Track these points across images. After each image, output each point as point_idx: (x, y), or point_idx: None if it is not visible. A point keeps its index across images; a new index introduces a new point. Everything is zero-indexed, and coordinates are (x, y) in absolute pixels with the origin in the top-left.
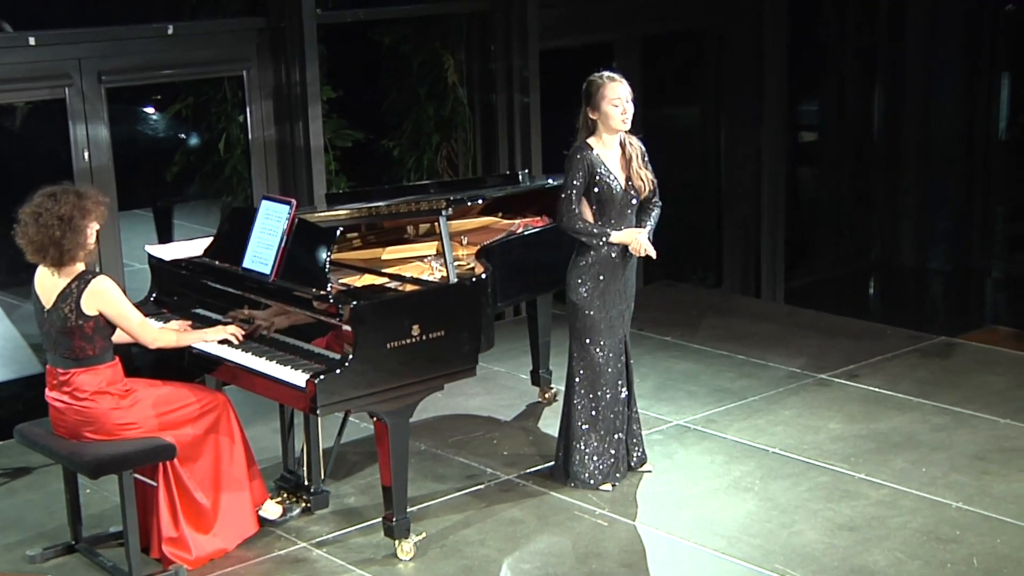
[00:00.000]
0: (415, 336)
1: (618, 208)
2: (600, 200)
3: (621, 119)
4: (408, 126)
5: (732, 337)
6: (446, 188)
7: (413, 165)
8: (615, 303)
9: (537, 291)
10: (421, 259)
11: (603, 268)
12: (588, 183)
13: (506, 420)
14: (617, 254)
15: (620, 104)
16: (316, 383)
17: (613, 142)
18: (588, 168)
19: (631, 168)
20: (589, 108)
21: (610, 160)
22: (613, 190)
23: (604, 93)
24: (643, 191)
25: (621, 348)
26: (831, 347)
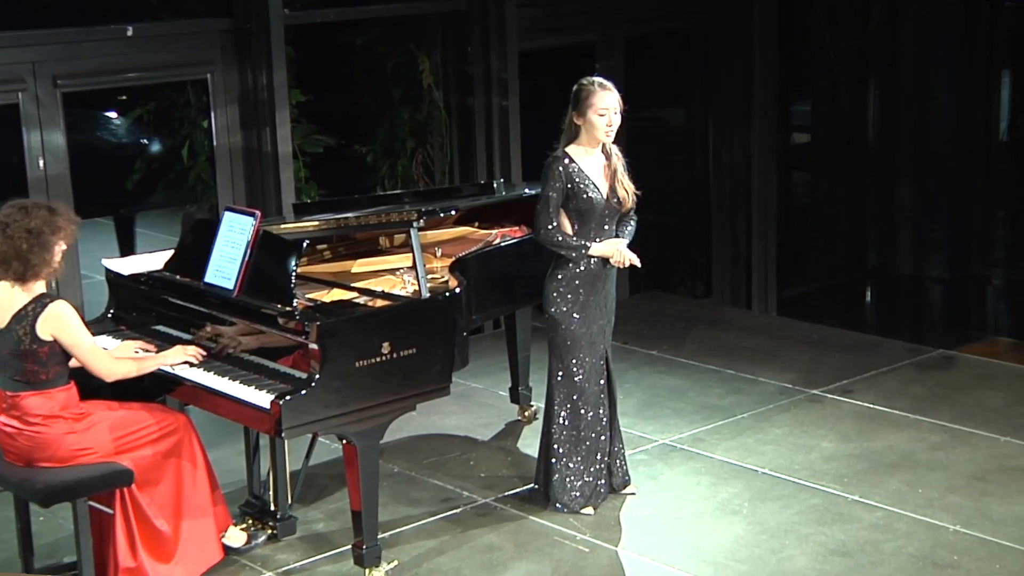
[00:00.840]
0: (385, 354)
1: (599, 219)
2: (580, 211)
3: (605, 130)
4: (382, 131)
5: (721, 351)
6: (419, 198)
7: (387, 172)
8: (595, 318)
9: (515, 304)
10: (393, 272)
11: (582, 281)
12: (567, 193)
13: (483, 440)
14: (597, 266)
15: (607, 115)
16: (281, 404)
17: (596, 150)
18: (566, 178)
19: (615, 178)
20: (575, 112)
21: (591, 169)
22: (594, 200)
23: (592, 101)
24: (626, 202)
25: (602, 365)
26: (824, 361)
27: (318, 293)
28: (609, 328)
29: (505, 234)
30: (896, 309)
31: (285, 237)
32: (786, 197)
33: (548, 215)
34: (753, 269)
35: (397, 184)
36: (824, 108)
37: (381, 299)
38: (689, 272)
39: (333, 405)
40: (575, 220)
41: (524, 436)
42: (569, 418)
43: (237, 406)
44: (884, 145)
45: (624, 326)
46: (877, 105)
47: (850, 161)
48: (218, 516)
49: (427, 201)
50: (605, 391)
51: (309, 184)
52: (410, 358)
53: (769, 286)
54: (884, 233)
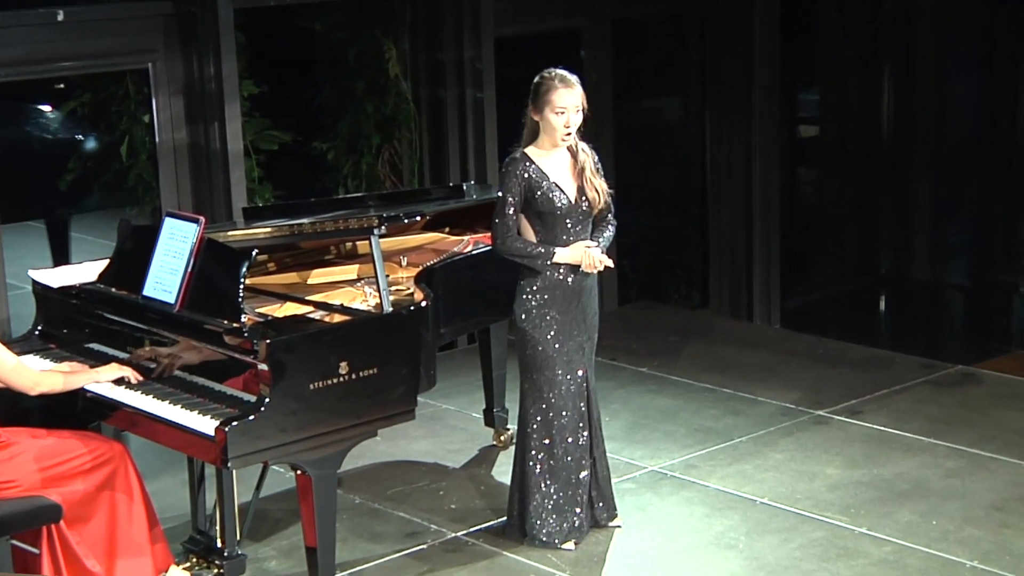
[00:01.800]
0: (343, 375)
1: (567, 225)
2: (543, 216)
3: (563, 132)
4: (344, 126)
5: (717, 367)
6: (384, 201)
7: (350, 171)
8: (572, 334)
9: (489, 317)
10: (352, 284)
11: (556, 292)
12: (527, 198)
13: (454, 467)
14: (572, 275)
15: (565, 114)
16: (227, 431)
17: (559, 149)
18: (525, 181)
19: (584, 177)
20: (532, 108)
21: (555, 169)
22: (557, 204)
23: (550, 98)
24: (597, 203)
25: (582, 386)
26: (831, 378)
27: (269, 307)
28: (590, 345)
29: (478, 240)
30: (911, 320)
31: (232, 245)
32: (790, 196)
33: (505, 224)
34: (754, 276)
35: (361, 184)
36: (833, 98)
37: (339, 314)
38: (684, 280)
39: (285, 431)
40: (539, 227)
41: (499, 463)
42: (545, 445)
43: (179, 433)
44: (899, 139)
45: (611, 340)
46: (892, 95)
47: (861, 156)
48: (157, 555)
49: (391, 205)
50: (586, 415)
51: (263, 185)
52: (371, 379)
53: (771, 295)
54: (898, 236)
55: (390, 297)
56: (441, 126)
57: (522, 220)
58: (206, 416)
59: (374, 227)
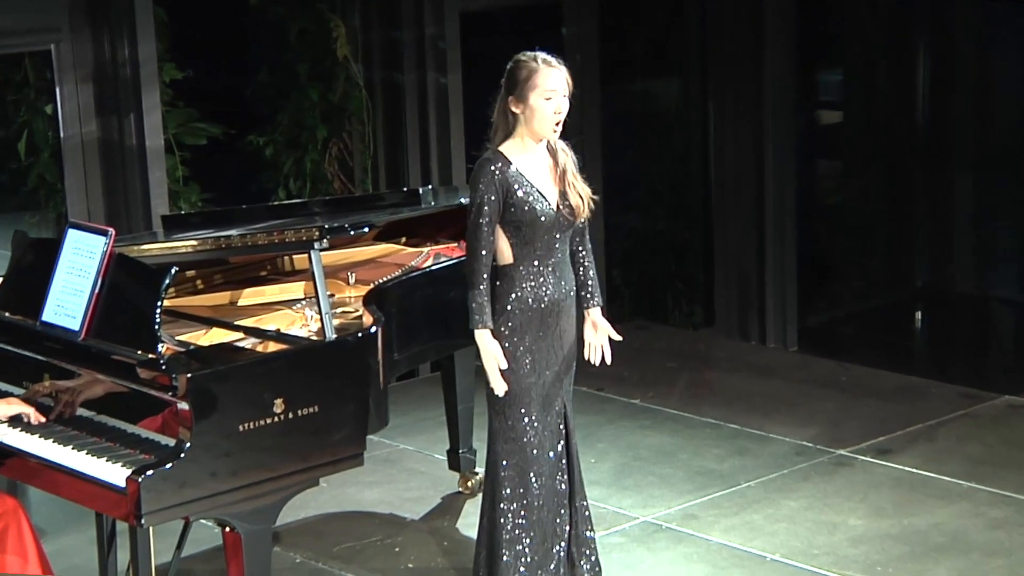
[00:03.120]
0: (279, 414)
1: (546, 235)
2: (521, 226)
3: (553, 122)
4: (284, 117)
5: (722, 399)
6: (329, 208)
7: (291, 169)
8: (549, 362)
9: (453, 342)
10: (291, 305)
11: (531, 316)
12: (503, 205)
13: (413, 519)
14: (551, 293)
15: (554, 99)
16: (140, 481)
17: (539, 147)
18: (501, 186)
19: (566, 180)
20: (512, 98)
21: (535, 172)
22: (539, 212)
23: (536, 82)
24: (580, 211)
25: (560, 424)
26: (855, 411)
27: (192, 334)
28: (569, 376)
29: (439, 252)
30: (950, 342)
31: (148, 261)
32: (809, 195)
33: (478, 239)
34: (766, 290)
35: (305, 185)
36: (859, 79)
37: (274, 341)
38: (684, 294)
39: (210, 480)
40: (514, 238)
41: (466, 513)
42: (517, 494)
43: (84, 484)
44: (938, 126)
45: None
46: (928, 75)
47: (893, 147)
48: None
49: (338, 213)
50: (564, 458)
51: (188, 187)
52: (311, 418)
53: (787, 312)
54: (937, 242)
55: (334, 321)
56: (398, 116)
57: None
58: (116, 464)
59: (314, 240)
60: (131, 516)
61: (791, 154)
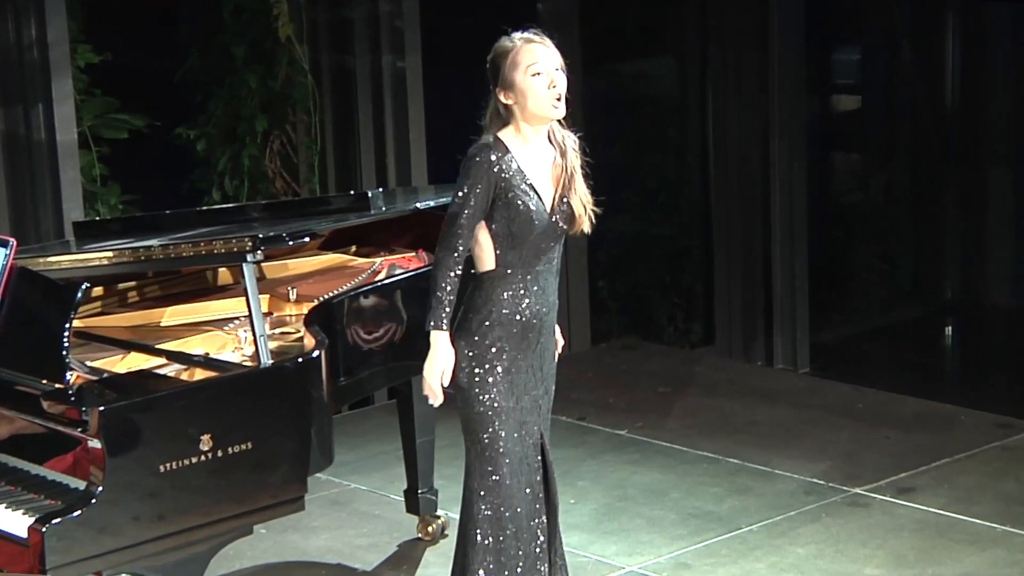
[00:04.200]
0: (206, 452)
1: (536, 243)
2: (512, 230)
3: (551, 97)
4: (218, 106)
5: (722, 429)
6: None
7: (227, 166)
8: (527, 386)
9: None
10: (222, 326)
11: (511, 331)
12: (494, 203)
13: (365, 570)
14: (531, 305)
15: (545, 72)
16: (44, 531)
17: (539, 139)
18: (496, 179)
19: (571, 185)
20: (500, 90)
21: (533, 166)
22: (534, 216)
23: (518, 59)
24: (580, 221)
25: (537, 455)
26: (873, 443)
27: (107, 360)
28: (547, 401)
29: (394, 263)
30: (984, 362)
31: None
32: (823, 194)
33: (454, 233)
34: (774, 303)
35: (243, 184)
36: (879, 60)
37: (201, 368)
38: (681, 308)
39: (126, 529)
40: (500, 242)
41: (427, 562)
42: (491, 535)
43: None
44: (971, 114)
45: (579, 392)
46: (958, 55)
47: (919, 138)
48: None
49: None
50: (542, 494)
51: (107, 187)
52: (243, 456)
53: (797, 328)
54: (969, 248)
55: (271, 344)
56: (349, 105)
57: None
58: (17, 511)
59: (246, 252)
60: (35, 571)
61: (802, 146)
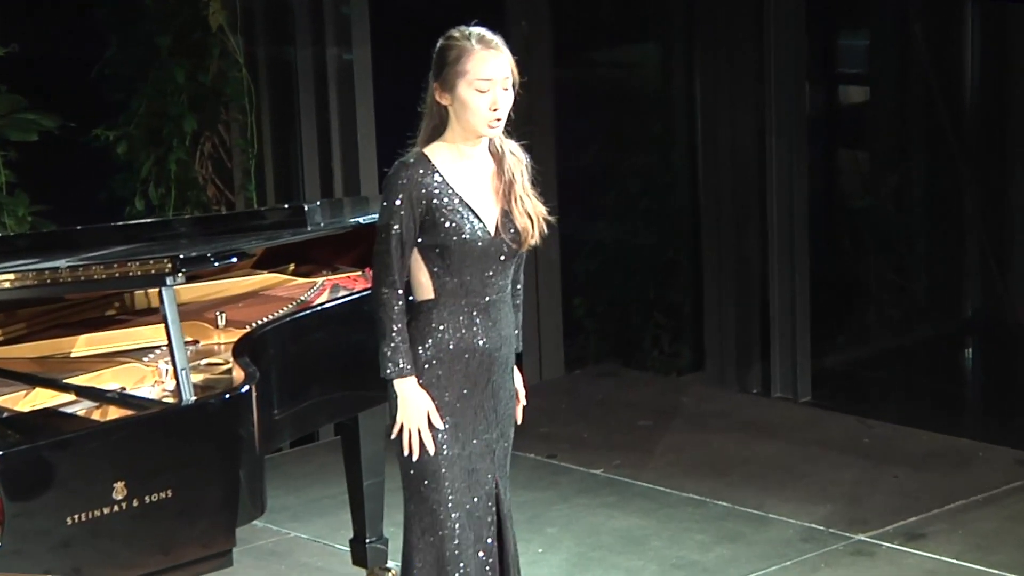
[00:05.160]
0: (119, 501)
1: (479, 267)
2: (444, 254)
3: (489, 118)
4: (141, 104)
5: (710, 467)
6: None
7: (152, 172)
8: (477, 429)
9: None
10: (141, 356)
11: (455, 367)
12: (424, 224)
13: None
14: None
15: (491, 90)
16: None
17: (476, 149)
18: (419, 199)
19: (512, 196)
20: (439, 86)
21: (469, 182)
22: (470, 236)
23: (466, 66)
24: (529, 236)
25: (491, 508)
26: (880, 484)
27: (8, 397)
28: (503, 445)
29: (338, 284)
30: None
31: None
32: (826, 198)
33: (386, 263)
34: (772, 322)
35: (169, 193)
36: (890, 47)
37: (115, 406)
38: (666, 329)
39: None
40: (436, 268)
41: None
42: None
43: None
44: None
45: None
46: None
47: (934, 136)
48: None
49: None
50: (494, 552)
51: (15, 197)
52: (162, 506)
53: (798, 352)
54: (991, 259)
55: (195, 377)
56: (290, 103)
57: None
58: None
59: (166, 274)
60: None
61: (803, 144)
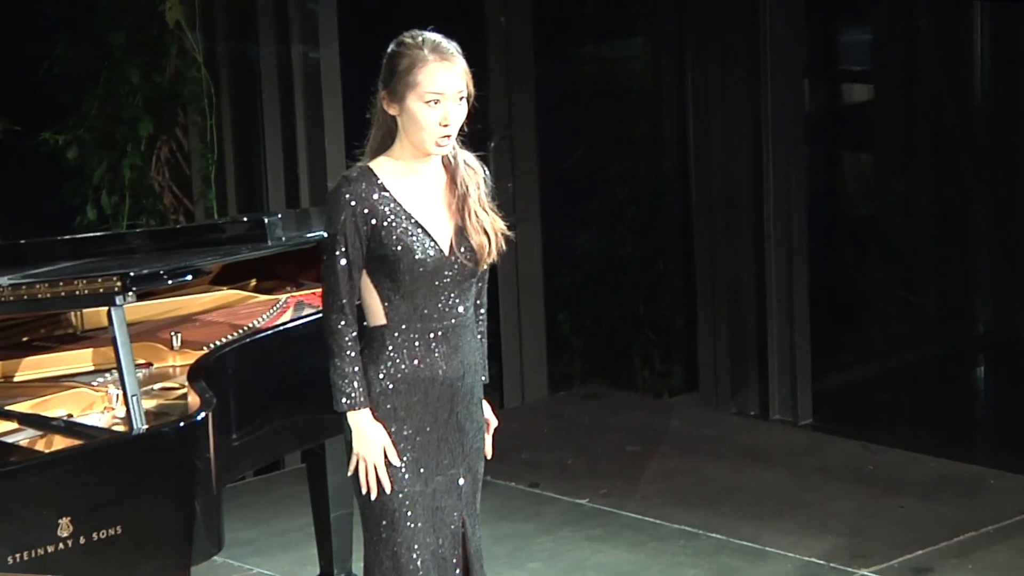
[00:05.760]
0: (65, 539)
1: (433, 290)
2: (394, 276)
3: (437, 134)
4: (93, 106)
5: (703, 497)
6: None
7: (105, 179)
8: (441, 464)
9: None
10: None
11: (412, 399)
12: (371, 243)
13: None
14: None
15: (441, 105)
16: None
17: (427, 163)
18: (364, 216)
19: (466, 211)
20: (387, 95)
21: (418, 197)
22: (420, 256)
23: (417, 77)
24: (485, 254)
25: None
26: (885, 514)
27: None
28: (471, 481)
29: (303, 301)
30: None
31: None
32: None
33: (334, 286)
34: (769, 339)
35: (123, 201)
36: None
37: (61, 435)
38: (656, 346)
39: None
40: (386, 291)
41: None
42: None
43: None
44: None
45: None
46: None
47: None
48: None
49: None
50: None
51: None
52: (111, 544)
53: (798, 371)
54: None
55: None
56: (253, 104)
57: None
58: None
59: (115, 293)
60: None
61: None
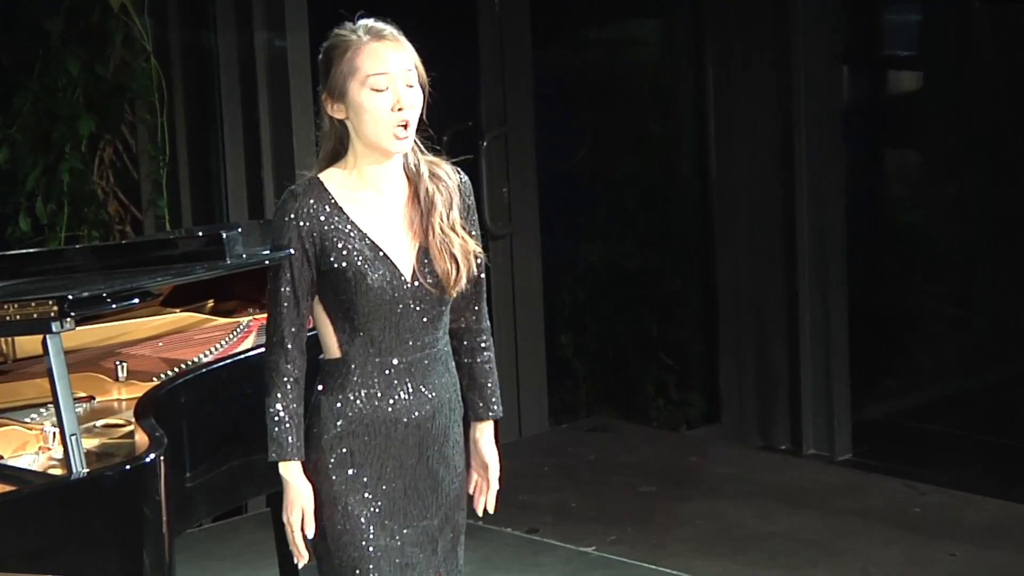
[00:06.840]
0: None
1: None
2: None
3: (392, 121)
4: (26, 102)
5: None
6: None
7: (40, 186)
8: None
9: None
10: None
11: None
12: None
13: None
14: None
15: (391, 86)
16: None
17: (386, 174)
18: (311, 235)
19: (429, 231)
20: (328, 96)
21: (376, 213)
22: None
23: (356, 63)
24: (451, 281)
25: None
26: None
27: None
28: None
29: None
30: None
31: None
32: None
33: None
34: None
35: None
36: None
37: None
38: (672, 373)
39: None
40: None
41: None
42: None
43: None
44: None
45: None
46: None
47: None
48: None
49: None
50: None
51: None
52: None
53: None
54: None
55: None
56: (210, 100)
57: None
58: None
59: (51, 319)
60: None
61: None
